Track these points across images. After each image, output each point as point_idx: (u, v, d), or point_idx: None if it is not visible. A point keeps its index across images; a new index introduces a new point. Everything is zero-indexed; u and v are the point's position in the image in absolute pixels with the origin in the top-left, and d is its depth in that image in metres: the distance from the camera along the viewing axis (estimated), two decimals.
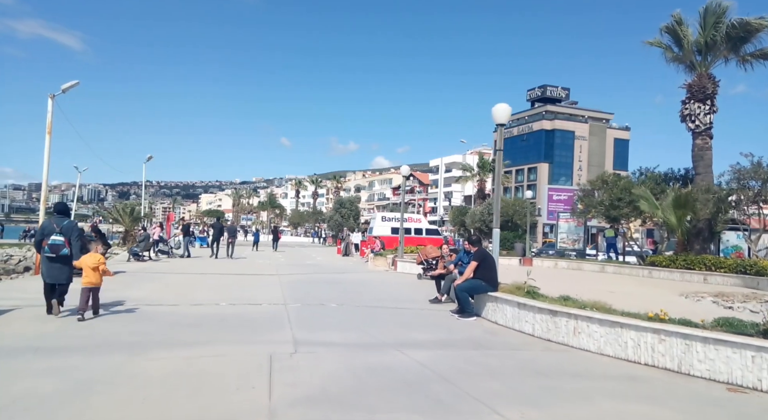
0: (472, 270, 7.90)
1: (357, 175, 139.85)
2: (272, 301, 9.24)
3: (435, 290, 11.17)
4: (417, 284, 13.25)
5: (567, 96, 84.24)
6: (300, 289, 11.43)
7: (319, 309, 8.57)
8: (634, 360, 5.41)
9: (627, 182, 21.62)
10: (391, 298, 10.36)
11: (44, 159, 13.78)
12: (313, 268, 18.58)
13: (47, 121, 13.81)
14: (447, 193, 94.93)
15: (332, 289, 11.66)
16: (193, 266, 16.94)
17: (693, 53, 18.95)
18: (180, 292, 10.03)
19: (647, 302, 8.85)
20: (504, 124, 8.91)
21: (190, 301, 8.79)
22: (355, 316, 7.87)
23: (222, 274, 14.28)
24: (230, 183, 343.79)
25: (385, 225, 26.39)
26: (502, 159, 9.17)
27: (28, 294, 8.99)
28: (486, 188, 40.20)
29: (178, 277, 12.99)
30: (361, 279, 14.59)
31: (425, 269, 14.77)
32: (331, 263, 21.93)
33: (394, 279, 14.87)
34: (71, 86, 14.08)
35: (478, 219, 36.42)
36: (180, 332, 6.22)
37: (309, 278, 14.15)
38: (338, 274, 16.29)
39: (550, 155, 76.71)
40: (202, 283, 11.91)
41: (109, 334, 5.98)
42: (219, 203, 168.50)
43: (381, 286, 12.85)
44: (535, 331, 6.73)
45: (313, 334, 6.37)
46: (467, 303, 7.88)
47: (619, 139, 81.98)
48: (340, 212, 49.78)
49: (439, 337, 6.57)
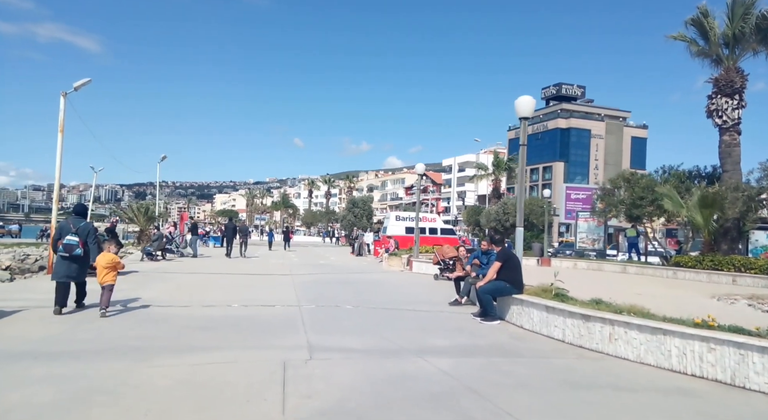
0: (495, 271, 7.47)
1: (370, 175, 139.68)
2: (286, 302, 8.92)
3: (454, 292, 10.75)
4: (434, 285, 12.84)
5: (582, 94, 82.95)
6: (314, 289, 11.11)
7: (333, 311, 8.22)
8: (680, 370, 4.94)
9: (649, 180, 20.93)
10: (408, 299, 9.98)
11: (57, 158, 13.65)
12: (327, 268, 18.27)
13: (59, 120, 13.68)
14: (460, 192, 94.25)
15: (347, 289, 11.31)
16: (206, 266, 16.75)
17: (720, 46, 18.22)
18: (191, 293, 9.77)
19: (679, 305, 8.35)
20: (528, 117, 8.46)
21: (201, 303, 8.51)
22: (372, 319, 7.50)
23: (235, 274, 14.03)
24: (244, 183, 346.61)
25: (399, 224, 25.98)
26: (525, 154, 8.72)
27: (38, 294, 8.80)
28: (501, 187, 39.54)
29: (190, 278, 12.76)
30: (376, 279, 14.23)
31: (442, 270, 14.36)
32: (345, 263, 21.61)
33: (409, 279, 14.48)
34: (83, 84, 13.93)
35: (494, 218, 35.77)
36: (189, 336, 5.90)
37: (322, 279, 13.83)
38: (352, 274, 15.95)
39: (566, 154, 75.55)
40: (214, 284, 11.66)
41: (115, 338, 5.69)
42: (233, 203, 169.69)
43: (397, 287, 12.47)
44: (565, 336, 6.28)
45: (329, 339, 6.01)
46: (490, 306, 7.45)
47: (636, 137, 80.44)
48: (353, 212, 49.51)
49: (462, 342, 6.16)
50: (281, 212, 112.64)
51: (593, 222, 23.47)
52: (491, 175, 37.50)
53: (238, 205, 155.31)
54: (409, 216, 27.32)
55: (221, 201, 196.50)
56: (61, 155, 13.69)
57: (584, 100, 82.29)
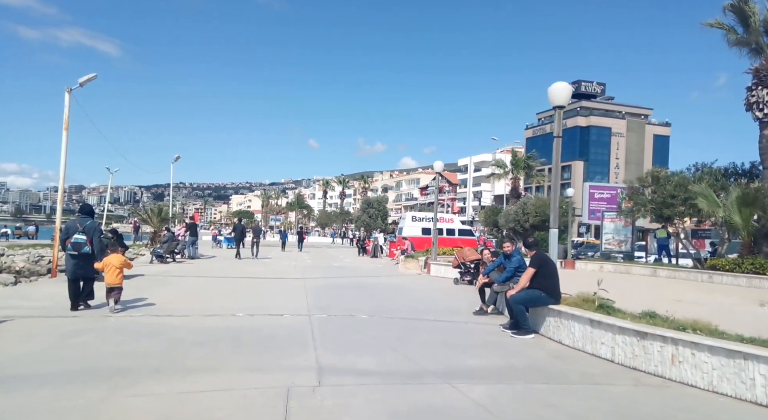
0: (528, 278, 6.63)
1: (384, 176, 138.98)
2: (295, 310, 8.19)
3: (477, 298, 9.93)
4: (455, 290, 12.00)
5: (602, 91, 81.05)
6: (326, 295, 10.37)
7: (347, 321, 7.45)
8: None
9: (681, 178, 19.73)
10: (429, 307, 9.17)
11: (61, 156, 13.16)
12: (341, 271, 17.55)
13: (64, 117, 13.21)
14: (476, 192, 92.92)
15: (361, 295, 10.54)
16: (215, 269, 16.15)
17: (761, 34, 17.00)
18: (195, 300, 9.10)
19: (727, 314, 7.39)
20: (563, 106, 7.59)
21: (203, 311, 7.82)
22: (390, 331, 6.71)
23: (244, 278, 13.38)
24: (260, 184, 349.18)
25: (416, 225, 25.15)
26: (560, 148, 7.84)
27: (32, 302, 8.22)
28: (520, 186, 38.40)
29: (197, 282, 12.13)
30: (393, 284, 13.45)
31: (462, 273, 13.52)
32: (360, 266, 20.87)
33: (428, 284, 13.66)
34: (89, 79, 13.44)
35: (512, 219, 34.71)
36: (183, 354, 5.19)
37: (336, 283, 13.09)
38: (367, 277, 15.19)
39: (585, 153, 73.82)
40: (221, 289, 11.01)
41: (99, 356, 5.01)
42: (249, 204, 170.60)
43: (415, 292, 11.66)
44: (615, 356, 5.41)
45: (342, 357, 5.25)
46: (523, 317, 6.61)
47: (658, 135, 78.27)
48: (367, 212, 48.90)
49: (494, 362, 5.34)
50: (296, 213, 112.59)
51: (620, 222, 22.32)
52: (509, 174, 36.40)
53: (254, 206, 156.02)
54: (426, 216, 26.48)
55: (237, 202, 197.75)
56: (66, 153, 13.22)
57: (604, 98, 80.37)
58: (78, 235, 7.52)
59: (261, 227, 28.44)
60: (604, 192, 28.43)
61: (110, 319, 6.89)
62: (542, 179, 36.54)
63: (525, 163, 35.43)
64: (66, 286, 7.68)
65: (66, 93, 13.27)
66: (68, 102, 13.25)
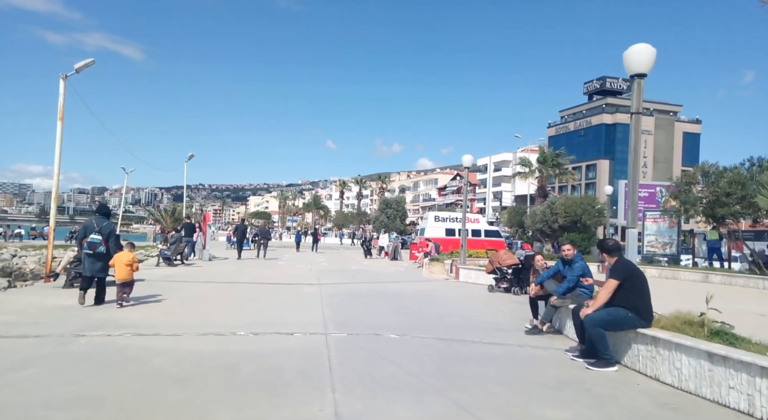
0: (610, 293, 5.09)
1: (401, 176, 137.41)
2: (309, 327, 6.77)
3: (518, 309, 8.46)
4: (491, 300, 10.46)
5: (629, 88, 77.78)
6: (345, 306, 8.93)
7: (373, 343, 5.99)
8: None
9: (736, 174, 17.82)
10: (468, 322, 7.66)
11: (56, 148, 12.01)
12: (360, 275, 16.11)
13: (59, 106, 12.08)
14: (496, 193, 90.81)
15: (386, 306, 9.08)
16: (224, 273, 14.87)
17: None
18: (192, 312, 7.75)
19: None
20: (645, 73, 6.02)
21: (198, 328, 6.45)
22: (429, 361, 5.23)
23: (254, 284, 12.05)
24: (277, 185, 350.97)
25: (439, 226, 23.60)
26: (639, 126, 6.26)
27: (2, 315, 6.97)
28: (547, 185, 36.49)
29: (201, 288, 10.82)
30: (419, 291, 11.96)
31: (498, 280, 11.97)
32: (380, 269, 19.42)
33: (459, 291, 12.13)
34: (85, 65, 12.29)
35: (540, 219, 32.90)
36: (152, 399, 3.80)
37: (355, 290, 11.65)
38: (390, 283, 13.72)
39: (611, 151, 71.14)
40: (225, 297, 9.66)
41: (39, 403, 3.65)
42: (266, 205, 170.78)
43: (447, 302, 10.14)
44: (754, 408, 3.84)
45: (369, 404, 3.80)
46: (603, 344, 5.06)
47: (688, 133, 75.15)
48: (386, 213, 47.48)
49: (583, 414, 3.81)
50: (312, 213, 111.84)
51: (663, 223, 20.46)
52: (535, 172, 34.53)
53: (271, 207, 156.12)
54: (450, 216, 24.92)
55: (255, 203, 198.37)
56: (61, 145, 12.07)
57: (630, 94, 77.39)
58: (94, 235, 7.85)
59: (267, 228, 27.91)
60: (642, 190, 26.51)
61: (80, 341, 5.57)
62: (571, 178, 34.56)
63: (554, 160, 33.54)
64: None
65: (61, 80, 12.12)
66: (63, 89, 12.11)
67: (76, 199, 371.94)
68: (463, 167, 15.24)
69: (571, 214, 30.73)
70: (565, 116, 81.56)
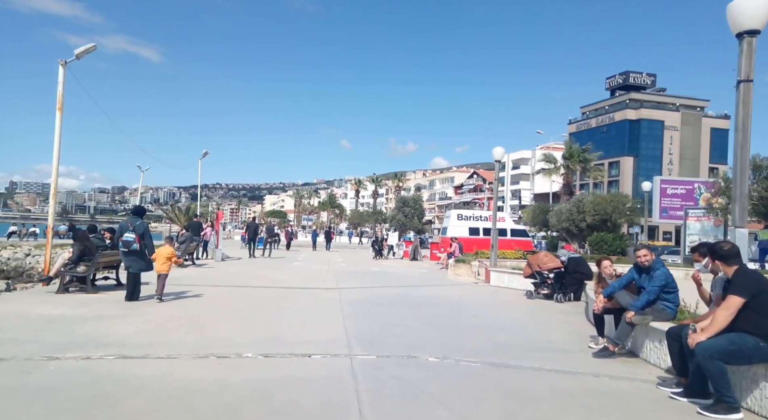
0: (732, 314, 3.83)
1: (417, 175, 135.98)
2: (330, 345, 5.64)
3: (570, 320, 7.25)
4: (534, 309, 9.21)
5: (653, 83, 75.62)
6: (370, 316, 7.78)
7: (409, 371, 4.82)
8: None
9: None
10: (517, 339, 6.44)
11: (55, 139, 11.13)
12: (380, 277, 14.95)
13: (58, 94, 11.17)
14: (514, 191, 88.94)
15: (416, 317, 7.90)
16: (236, 275, 13.86)
17: None
18: (193, 324, 6.68)
19: None
20: (757, 31, 4.73)
21: (198, 348, 5.36)
22: (487, 402, 4.03)
23: (267, 288, 10.98)
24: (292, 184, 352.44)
25: (462, 224, 22.32)
26: (750, 97, 4.95)
27: None
28: (573, 182, 34.86)
29: (208, 293, 9.78)
30: (449, 297, 10.75)
31: (538, 285, 10.70)
32: (401, 271, 18.24)
33: (493, 298, 10.90)
34: (86, 50, 11.35)
35: (566, 218, 31.26)
36: None
37: (378, 296, 10.50)
38: (415, 287, 12.54)
39: (635, 148, 68.85)
40: (234, 305, 8.58)
41: None
42: (282, 204, 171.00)
43: (485, 311, 8.92)
44: None
45: None
46: (724, 383, 3.79)
47: (716, 128, 72.24)
48: (403, 211, 46.17)
49: None
50: (328, 212, 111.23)
51: (708, 221, 18.87)
52: (561, 168, 32.93)
53: (287, 206, 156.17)
54: (473, 214, 23.62)
55: (271, 202, 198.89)
56: (60, 136, 11.15)
57: (655, 90, 74.94)
58: (128, 234, 8.29)
59: (274, 227, 27.91)
60: (678, 187, 24.92)
61: (49, 367, 4.51)
62: (599, 174, 32.87)
63: (580, 156, 31.91)
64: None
65: (60, 66, 11.20)
66: (62, 77, 11.19)
67: (96, 199, 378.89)
68: (494, 160, 13.99)
69: (600, 213, 29.11)
70: (587, 112, 79.25)
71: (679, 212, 24.14)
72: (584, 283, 10.51)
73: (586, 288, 10.52)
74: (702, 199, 23.75)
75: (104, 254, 9.67)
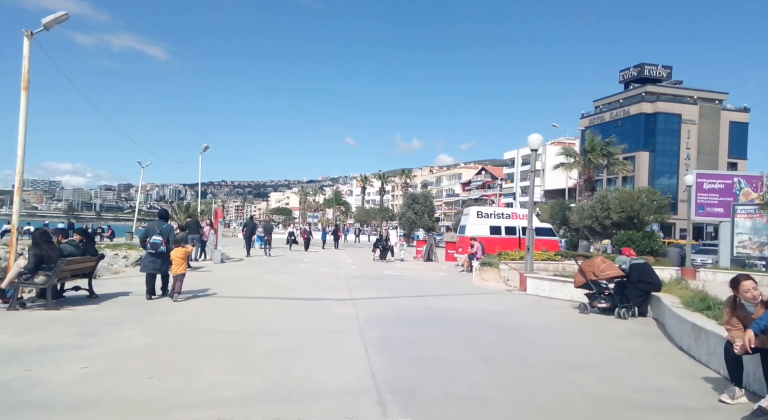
0: None
1: (424, 171, 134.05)
2: (352, 401, 3.90)
3: (652, 346, 5.55)
4: (598, 329, 7.43)
5: (669, 75, 73.23)
6: (399, 343, 6.01)
7: None
8: None
9: None
10: (607, 382, 4.67)
11: (20, 122, 9.46)
12: (398, 283, 13.19)
13: (23, 70, 9.50)
14: (524, 188, 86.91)
15: (459, 343, 6.13)
16: (233, 280, 12.13)
17: None
18: (164, 362, 4.92)
19: None
20: None
21: (160, 409, 3.63)
22: None
23: (269, 300, 9.26)
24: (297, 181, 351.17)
25: (482, 223, 20.49)
26: None
27: None
28: (595, 176, 32.94)
29: (195, 309, 8.06)
30: (488, 311, 8.97)
31: (593, 296, 8.90)
32: (417, 274, 16.47)
33: (539, 311, 9.11)
34: (56, 20, 9.65)
35: (588, 215, 29.44)
36: None
37: (402, 309, 8.73)
38: (441, 297, 10.77)
39: (651, 143, 66.57)
40: (224, 327, 6.81)
41: None
42: (287, 201, 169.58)
43: (542, 334, 7.11)
44: None
45: None
46: None
47: (735, 122, 69.82)
48: (412, 208, 44.35)
49: None
50: (333, 210, 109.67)
51: (761, 219, 16.97)
52: (581, 162, 31.00)
53: (292, 203, 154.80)
54: (495, 212, 21.79)
55: (276, 199, 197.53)
56: (26, 118, 9.46)
57: (671, 82, 72.52)
58: (156, 236, 8.64)
59: (272, 225, 27.65)
60: (716, 181, 22.89)
61: None
62: (623, 168, 30.89)
63: (603, 149, 29.97)
64: None
65: (25, 38, 9.50)
66: (27, 50, 9.50)
67: (103, 196, 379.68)
68: (530, 149, 12.17)
69: (627, 209, 27.23)
70: (600, 106, 76.95)
71: (717, 209, 22.15)
72: (651, 295, 8.73)
73: (652, 300, 8.74)
74: (742, 195, 21.77)
75: (71, 261, 8.00)
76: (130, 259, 22.16)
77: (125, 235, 34.08)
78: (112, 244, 29.55)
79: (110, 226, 36.20)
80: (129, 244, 29.51)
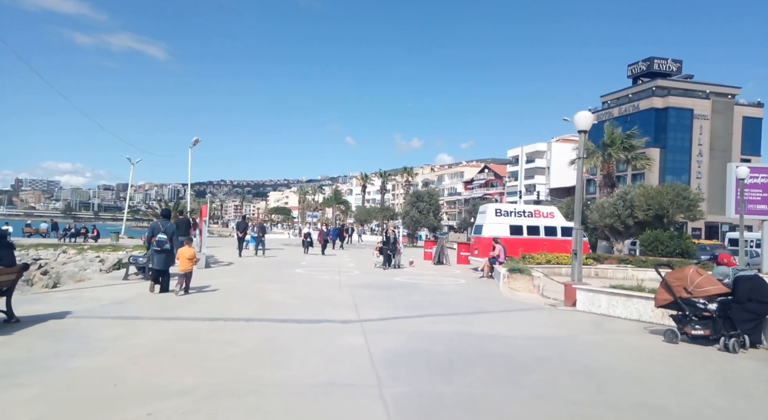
0: None
1: (425, 170, 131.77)
2: None
3: None
4: (715, 370, 5.19)
5: (679, 70, 70.97)
6: (442, 408, 3.77)
7: None
8: None
9: None
10: None
11: None
12: (415, 296, 10.92)
13: None
14: (528, 186, 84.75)
15: (534, 405, 3.90)
16: (217, 293, 9.85)
17: None
18: None
19: None
20: None
21: None
22: None
23: (251, 322, 6.99)
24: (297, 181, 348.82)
25: (501, 221, 18.25)
26: None
27: None
28: (615, 172, 30.66)
29: (142, 341, 5.81)
30: (542, 338, 6.71)
31: (683, 320, 6.66)
32: (432, 281, 14.22)
33: (608, 340, 6.85)
34: None
35: (609, 213, 27.19)
36: None
37: (429, 338, 6.46)
38: (472, 314, 8.50)
39: (662, 139, 64.32)
40: (171, 380, 4.52)
41: None
42: (286, 200, 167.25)
43: (643, 382, 4.85)
44: None
45: None
46: None
47: (749, 117, 67.64)
48: (417, 207, 42.11)
49: None
50: (333, 209, 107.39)
51: None
52: (599, 157, 28.73)
53: (291, 203, 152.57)
54: (515, 210, 19.53)
55: (275, 199, 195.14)
56: None
57: (682, 76, 70.30)
58: (161, 235, 9.39)
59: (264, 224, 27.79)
60: (758, 176, 20.65)
61: None
62: (646, 163, 28.66)
63: (624, 143, 27.71)
64: None
65: None
66: None
67: (101, 196, 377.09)
68: (578, 131, 9.96)
69: (654, 207, 24.98)
70: (608, 101, 74.71)
71: (760, 206, 19.94)
72: (766, 318, 6.48)
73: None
74: None
75: None
76: (107, 263, 19.90)
77: (110, 236, 31.75)
78: (96, 246, 27.32)
79: (95, 226, 33.82)
80: (114, 245, 27.27)
